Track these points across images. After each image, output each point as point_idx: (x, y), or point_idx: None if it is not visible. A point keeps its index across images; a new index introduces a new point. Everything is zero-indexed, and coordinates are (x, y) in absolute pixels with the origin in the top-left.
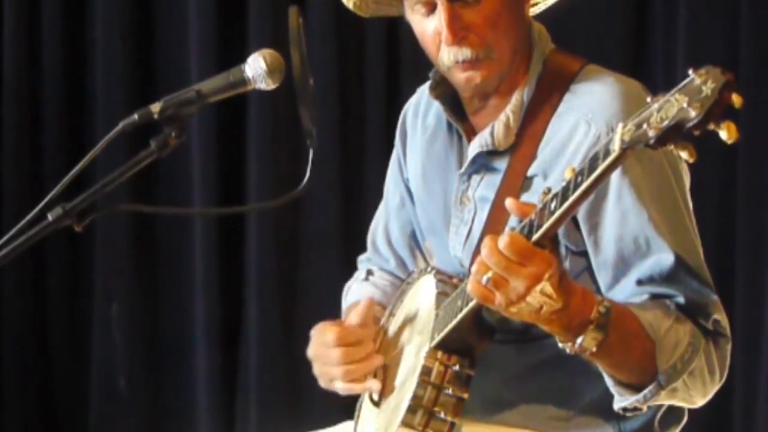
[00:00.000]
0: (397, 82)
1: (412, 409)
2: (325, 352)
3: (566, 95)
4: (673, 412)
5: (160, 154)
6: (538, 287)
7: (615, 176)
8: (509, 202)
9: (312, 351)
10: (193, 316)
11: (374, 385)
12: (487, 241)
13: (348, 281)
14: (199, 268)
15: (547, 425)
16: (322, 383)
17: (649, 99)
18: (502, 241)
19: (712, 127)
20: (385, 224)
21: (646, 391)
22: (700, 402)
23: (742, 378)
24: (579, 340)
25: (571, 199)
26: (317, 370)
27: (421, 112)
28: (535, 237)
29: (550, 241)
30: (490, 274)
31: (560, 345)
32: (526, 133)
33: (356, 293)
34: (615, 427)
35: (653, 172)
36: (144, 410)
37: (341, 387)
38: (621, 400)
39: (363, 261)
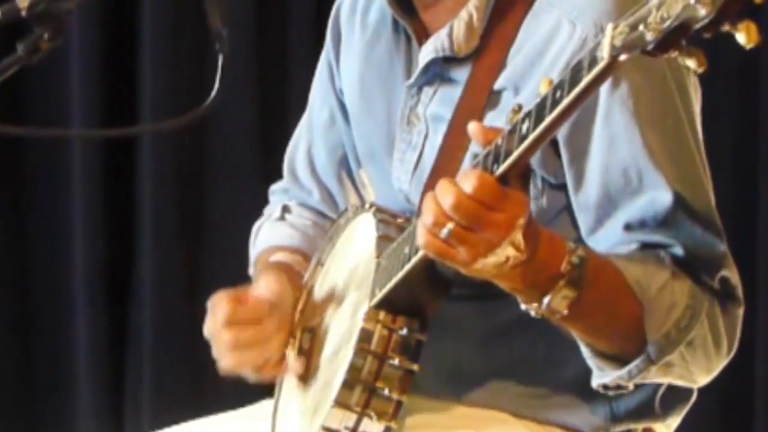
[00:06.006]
0: None
1: (348, 385)
2: (215, 332)
3: None
4: (678, 390)
5: (29, 60)
6: (510, 237)
7: (604, 91)
8: (473, 127)
9: (207, 328)
10: (72, 265)
11: (296, 365)
12: (445, 185)
13: (258, 220)
14: (79, 204)
15: (518, 404)
16: (221, 368)
17: None
18: (469, 183)
19: (726, 28)
20: (307, 146)
21: (631, 365)
22: (702, 380)
23: (765, 349)
24: (546, 299)
25: (548, 119)
26: (215, 353)
27: (360, 8)
28: (502, 169)
29: (519, 175)
30: (451, 225)
31: (523, 307)
32: (493, 35)
33: (269, 236)
34: (605, 408)
35: (652, 85)
36: (8, 383)
37: (246, 374)
38: (600, 376)
39: (277, 192)
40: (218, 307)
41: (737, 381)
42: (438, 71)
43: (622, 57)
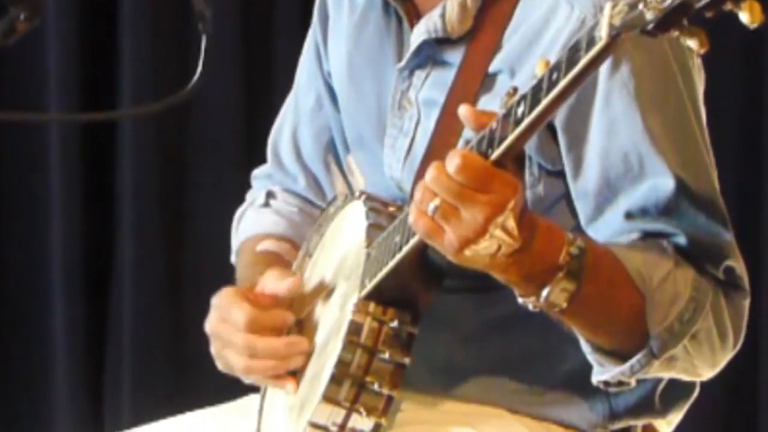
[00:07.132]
0: None
1: (336, 380)
2: (228, 332)
3: None
4: (680, 386)
5: (4, 42)
6: (499, 219)
7: (603, 73)
8: (464, 111)
9: (212, 326)
10: (49, 255)
11: (289, 385)
12: (433, 164)
13: (240, 207)
14: (56, 191)
15: (513, 399)
16: (220, 366)
17: None
18: (452, 163)
19: (729, 6)
20: (293, 130)
21: (633, 360)
22: (706, 374)
23: None
24: (544, 292)
25: (544, 102)
26: (215, 350)
27: None
28: (496, 154)
29: (513, 160)
30: (437, 201)
31: (520, 300)
32: (487, 15)
33: (253, 224)
34: (604, 404)
35: (654, 68)
36: None
37: (243, 377)
38: (601, 372)
39: (260, 177)
40: (235, 307)
41: (741, 374)
42: (430, 54)
43: (621, 37)
